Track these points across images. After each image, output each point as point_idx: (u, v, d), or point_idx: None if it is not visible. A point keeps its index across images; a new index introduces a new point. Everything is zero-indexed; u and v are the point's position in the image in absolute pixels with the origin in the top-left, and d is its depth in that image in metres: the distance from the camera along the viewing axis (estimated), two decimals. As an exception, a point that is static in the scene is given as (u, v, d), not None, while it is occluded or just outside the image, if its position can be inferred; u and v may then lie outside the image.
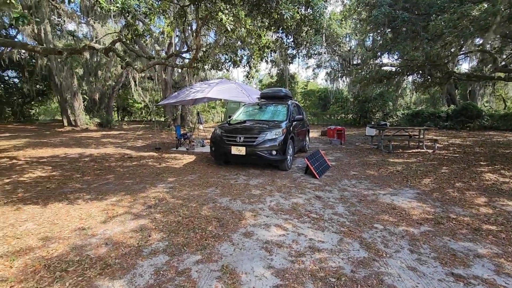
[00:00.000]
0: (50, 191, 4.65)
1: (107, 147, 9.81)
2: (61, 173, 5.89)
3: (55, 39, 16.26)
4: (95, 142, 11.09)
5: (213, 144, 6.27)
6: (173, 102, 8.61)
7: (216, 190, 4.77)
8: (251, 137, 5.84)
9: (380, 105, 21.24)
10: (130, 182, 5.20)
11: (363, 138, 13.47)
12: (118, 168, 6.38)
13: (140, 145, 10.45)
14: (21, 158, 7.43)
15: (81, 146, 10.03)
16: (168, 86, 15.37)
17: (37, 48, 6.27)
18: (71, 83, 16.09)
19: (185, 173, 5.94)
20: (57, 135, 13.67)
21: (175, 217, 3.55)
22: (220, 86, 8.18)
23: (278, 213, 3.77)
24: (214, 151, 6.25)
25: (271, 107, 7.32)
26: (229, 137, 6.01)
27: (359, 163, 7.25)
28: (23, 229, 3.20)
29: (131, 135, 14.15)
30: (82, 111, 17.11)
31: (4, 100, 24.75)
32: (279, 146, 5.81)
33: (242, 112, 7.40)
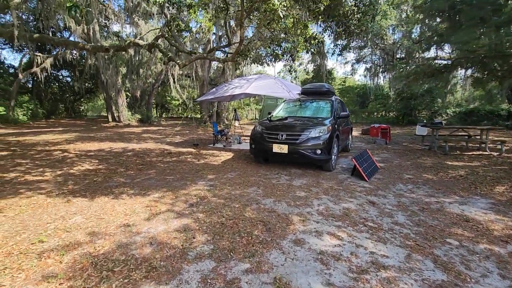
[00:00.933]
0: (97, 184, 4.75)
1: (147, 142, 10.10)
2: (107, 166, 6.07)
3: (102, 39, 17.28)
4: (137, 137, 11.52)
5: (253, 141, 6.04)
6: (211, 98, 8.56)
7: (258, 190, 4.52)
8: (293, 135, 5.50)
9: (428, 103, 19.52)
10: (171, 178, 5.15)
11: (410, 137, 12.42)
12: (159, 164, 6.43)
13: (178, 141, 10.62)
14: (71, 151, 7.86)
15: (124, 140, 10.45)
16: (205, 83, 15.53)
17: (86, 46, 6.53)
18: (116, 81, 16.98)
19: (225, 171, 5.78)
20: (103, 130, 14.50)
21: (219, 218, 3.35)
22: (258, 82, 7.93)
23: (328, 219, 3.41)
24: (254, 149, 6.01)
25: (314, 103, 6.90)
26: (270, 134, 5.73)
27: (411, 165, 6.56)
28: (72, 222, 3.21)
29: (169, 131, 14.55)
30: (125, 107, 18.01)
31: (58, 98, 27.12)
32: (323, 145, 5.40)
33: (283, 109, 7.08)
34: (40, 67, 18.25)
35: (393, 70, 23.67)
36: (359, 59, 26.16)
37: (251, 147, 6.14)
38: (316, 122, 5.83)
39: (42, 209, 3.58)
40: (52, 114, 24.30)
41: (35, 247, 2.65)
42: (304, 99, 7.11)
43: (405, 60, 21.48)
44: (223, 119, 16.44)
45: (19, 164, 6.14)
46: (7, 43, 21.48)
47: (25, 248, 2.63)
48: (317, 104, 6.82)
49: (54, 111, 25.01)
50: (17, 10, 6.93)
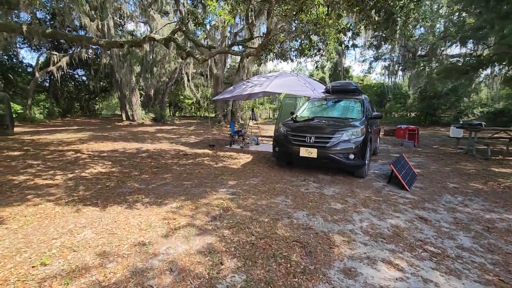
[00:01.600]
0: (109, 190, 4.36)
1: (162, 143, 9.75)
2: (120, 169, 5.70)
3: (116, 37, 17.14)
4: (151, 137, 11.22)
5: (277, 144, 5.53)
6: (228, 97, 8.11)
7: (287, 200, 4.02)
8: (323, 138, 4.95)
9: (453, 102, 18.47)
10: (189, 184, 4.71)
11: (439, 139, 11.61)
12: (174, 167, 6.02)
13: (193, 141, 10.23)
14: (84, 152, 7.58)
15: (138, 140, 10.15)
16: (219, 81, 15.13)
17: (101, 41, 6.19)
18: (130, 79, 16.82)
19: (246, 176, 5.30)
20: (117, 129, 14.33)
21: (247, 236, 2.87)
22: (280, 79, 7.41)
23: (378, 240, 2.86)
24: (278, 152, 5.50)
25: (342, 103, 6.32)
26: (296, 136, 5.20)
27: (452, 172, 5.89)
28: (80, 237, 2.80)
29: (183, 131, 14.23)
30: (139, 106, 17.86)
31: (74, 96, 27.42)
32: (357, 149, 4.84)
33: (307, 108, 6.54)
34: (56, 65, 18.34)
35: (414, 68, 22.62)
36: (378, 56, 25.16)
37: (274, 150, 5.63)
38: (347, 123, 5.26)
39: (49, 220, 3.20)
40: (68, 112, 24.54)
41: (36, 272, 2.24)
42: (331, 98, 6.54)
43: (428, 57, 20.41)
44: (237, 118, 16.01)
45: (30, 165, 5.86)
46: (25, 42, 21.76)
47: (25, 273, 2.23)
48: (346, 104, 6.24)
49: (70, 110, 25.26)
50: (30, 5, 6.67)
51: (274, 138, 5.67)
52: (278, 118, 11.13)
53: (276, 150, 5.53)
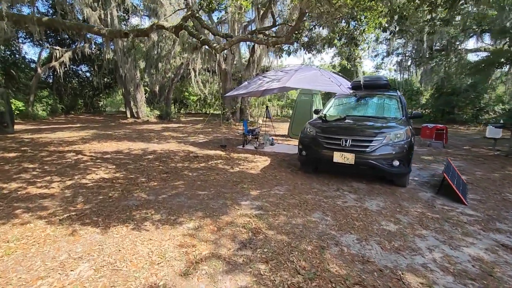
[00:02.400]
0: (113, 202, 3.70)
1: (169, 142, 9.09)
2: (125, 175, 5.05)
3: (121, 31, 16.48)
4: (157, 136, 10.57)
5: (304, 147, 4.81)
6: (243, 93, 7.41)
7: (326, 217, 3.32)
8: (363, 141, 4.23)
9: (473, 99, 17.54)
10: (205, 195, 4.04)
11: (466, 139, 10.79)
12: (185, 172, 5.34)
13: (203, 141, 9.56)
14: (86, 153, 6.94)
15: (144, 140, 9.50)
16: (228, 76, 14.41)
17: (103, 30, 5.51)
18: (134, 75, 16.18)
19: (269, 184, 4.61)
20: (121, 127, 13.72)
21: (292, 275, 2.19)
22: (301, 74, 6.68)
23: (466, 282, 2.16)
24: (306, 157, 4.78)
25: (375, 99, 5.58)
26: (328, 139, 4.48)
27: (504, 179, 5.14)
28: (74, 276, 2.14)
29: (190, 129, 13.57)
30: (143, 103, 17.24)
31: (77, 93, 26.90)
32: (402, 154, 4.11)
33: (334, 105, 5.81)
34: (59, 61, 17.76)
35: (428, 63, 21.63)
36: (390, 51, 24.20)
37: (300, 154, 4.91)
38: (387, 124, 4.53)
39: (37, 248, 2.54)
40: (72, 109, 24.03)
41: None
42: (361, 94, 5.79)
43: (446, 51, 19.44)
44: (246, 115, 15.31)
45: (25, 170, 5.23)
46: (28, 37, 21.21)
47: None
48: (380, 101, 5.50)
49: (74, 107, 24.76)
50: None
51: (300, 141, 4.96)
52: (292, 116, 10.41)
53: (302, 154, 4.81)
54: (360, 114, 5.22)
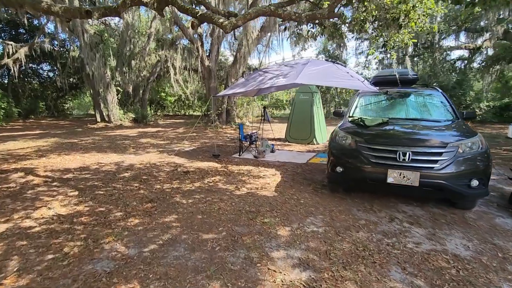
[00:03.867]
0: (69, 267, 2.30)
1: (149, 152, 7.58)
2: (92, 207, 3.60)
3: (87, 24, 14.44)
4: (133, 144, 8.97)
5: (339, 161, 3.63)
6: (241, 92, 6.13)
7: (413, 278, 2.16)
8: (429, 153, 3.13)
9: (459, 96, 17.48)
10: (214, 241, 2.74)
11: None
12: (177, 198, 3.98)
13: (190, 149, 8.13)
14: (39, 173, 5.32)
15: (117, 150, 7.90)
16: (212, 74, 13.00)
17: (54, 8, 4.00)
18: (104, 74, 14.27)
19: (296, 214, 3.40)
20: (89, 133, 11.84)
21: None
22: (312, 68, 5.52)
23: None
24: (342, 174, 3.60)
25: (412, 98, 4.55)
26: (379, 151, 3.33)
27: None
28: None
29: (171, 133, 12.00)
30: (115, 105, 15.33)
31: (38, 94, 24.07)
32: (482, 170, 3.08)
33: (360, 106, 4.71)
34: (13, 58, 15.35)
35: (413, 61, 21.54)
36: (374, 49, 23.91)
37: (332, 170, 3.73)
38: (449, 128, 3.50)
39: None
40: (31, 113, 21.31)
41: None
42: (393, 91, 4.74)
43: (430, 49, 19.34)
44: (233, 117, 13.98)
45: None
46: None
47: None
48: (419, 99, 4.48)
49: (34, 110, 21.98)
50: None
51: (331, 153, 3.77)
52: (290, 118, 9.27)
53: (337, 171, 3.63)
54: (401, 116, 4.15)
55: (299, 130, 8.98)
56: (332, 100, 23.77)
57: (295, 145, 8.72)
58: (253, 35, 11.83)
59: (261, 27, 12.16)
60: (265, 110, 8.01)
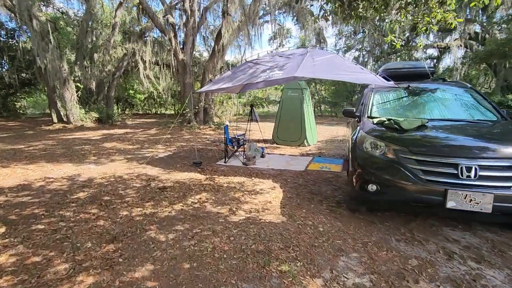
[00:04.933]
0: None
1: (114, 160, 6.29)
2: (22, 257, 2.41)
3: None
4: (95, 150, 7.55)
5: (371, 176, 2.76)
6: (227, 87, 5.08)
7: None
8: (502, 167, 2.36)
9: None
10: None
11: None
12: (152, 232, 2.90)
13: (164, 155, 6.93)
14: (-44, 196, 3.91)
15: (74, 158, 6.50)
16: (187, 69, 11.73)
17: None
18: (60, 68, 12.39)
19: (321, 253, 2.48)
20: (42, 137, 10.08)
21: None
22: (314, 58, 4.65)
23: None
24: (378, 195, 2.74)
25: (438, 94, 3.82)
26: (432, 164, 2.50)
27: None
28: None
29: (142, 135, 10.59)
30: (75, 103, 13.47)
31: (-18, 92, 21.05)
32: None
33: (377, 104, 3.90)
34: None
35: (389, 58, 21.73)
36: (351, 46, 23.89)
37: (361, 188, 2.85)
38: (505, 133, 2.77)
39: None
40: (-27, 113, 18.47)
41: None
42: (418, 87, 3.99)
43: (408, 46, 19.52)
44: (211, 116, 12.80)
45: None
46: None
47: None
48: (446, 95, 3.77)
49: (-24, 110, 19.11)
50: None
51: (359, 164, 2.89)
52: (278, 117, 8.38)
53: (369, 191, 2.76)
54: (433, 116, 3.38)
55: (288, 130, 8.12)
56: (312, 98, 23.33)
57: (284, 147, 7.85)
58: (233, 25, 10.77)
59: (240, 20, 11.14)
60: (252, 109, 7.03)
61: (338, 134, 11.02)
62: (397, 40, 4.40)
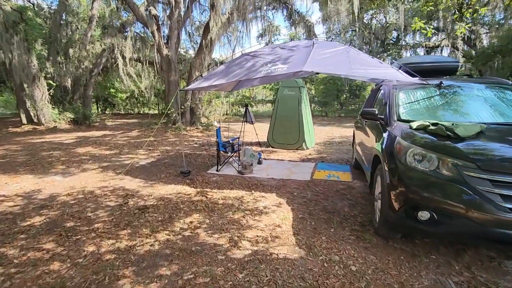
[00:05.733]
0: None
1: (86, 170, 5.36)
2: None
3: None
4: (65, 156, 6.56)
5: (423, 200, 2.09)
6: (220, 84, 4.32)
7: None
8: None
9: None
10: None
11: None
12: (126, 282, 2.10)
13: (146, 162, 6.06)
14: None
15: (37, 168, 5.52)
16: (172, 65, 10.78)
17: None
18: (28, 63, 11.14)
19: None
20: (5, 140, 8.89)
21: None
22: (323, 51, 3.97)
23: None
24: (434, 225, 2.06)
25: (477, 92, 3.22)
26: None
27: None
28: None
29: (122, 139, 9.59)
30: (47, 102, 12.22)
31: None
32: None
33: (403, 104, 3.25)
34: None
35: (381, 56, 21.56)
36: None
37: (408, 215, 2.18)
38: None
39: None
40: None
41: None
42: (453, 84, 3.38)
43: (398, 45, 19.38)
44: (198, 116, 11.92)
45: None
46: None
47: None
48: (488, 93, 3.18)
49: None
50: None
51: (405, 183, 2.21)
52: (273, 118, 7.67)
53: (418, 219, 2.08)
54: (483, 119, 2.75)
55: (285, 132, 7.42)
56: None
57: (282, 151, 7.15)
58: (222, 18, 9.95)
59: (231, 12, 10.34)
60: (247, 109, 6.28)
61: (334, 136, 10.47)
62: (428, 28, 3.76)
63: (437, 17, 17.88)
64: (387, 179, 2.43)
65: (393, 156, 2.44)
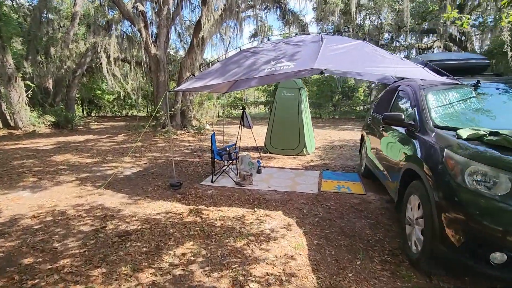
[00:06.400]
0: None
1: (61, 183, 4.67)
2: None
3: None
4: (39, 166, 5.82)
5: (497, 239, 1.59)
6: (216, 84, 3.75)
7: None
8: None
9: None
10: None
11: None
12: None
13: (132, 172, 5.40)
14: None
15: (2, 182, 4.79)
16: (161, 65, 10.10)
17: None
18: (3, 62, 10.27)
19: None
20: (-25, 147, 8.02)
21: None
22: (334, 46, 3.45)
23: None
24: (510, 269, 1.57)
25: None
26: None
27: None
28: None
29: (106, 144, 8.84)
30: (24, 104, 11.33)
31: None
32: None
33: (434, 107, 2.76)
34: None
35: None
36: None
37: (477, 256, 1.66)
38: None
39: None
40: None
41: None
42: (485, 86, 2.91)
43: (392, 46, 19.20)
44: (189, 119, 11.27)
45: None
46: None
47: None
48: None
49: None
50: None
51: (467, 213, 1.70)
52: (271, 121, 7.12)
53: (491, 262, 1.58)
54: None
55: (284, 137, 6.88)
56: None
57: (281, 157, 6.60)
58: (215, 15, 9.36)
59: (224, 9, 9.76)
60: (244, 113, 5.71)
61: (332, 139, 10.03)
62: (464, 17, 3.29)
63: (430, 18, 17.86)
64: (435, 204, 1.91)
65: (443, 174, 1.92)
